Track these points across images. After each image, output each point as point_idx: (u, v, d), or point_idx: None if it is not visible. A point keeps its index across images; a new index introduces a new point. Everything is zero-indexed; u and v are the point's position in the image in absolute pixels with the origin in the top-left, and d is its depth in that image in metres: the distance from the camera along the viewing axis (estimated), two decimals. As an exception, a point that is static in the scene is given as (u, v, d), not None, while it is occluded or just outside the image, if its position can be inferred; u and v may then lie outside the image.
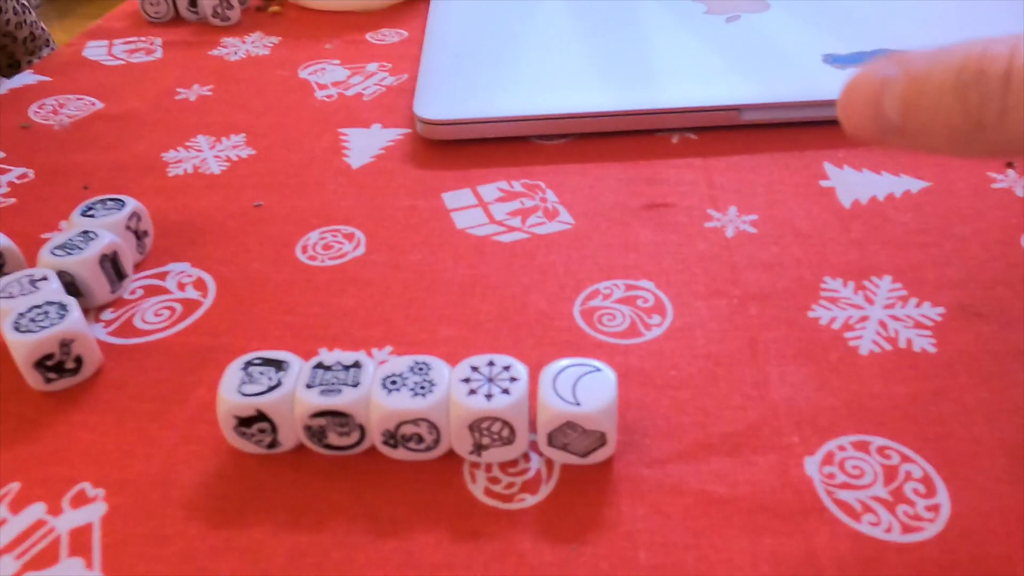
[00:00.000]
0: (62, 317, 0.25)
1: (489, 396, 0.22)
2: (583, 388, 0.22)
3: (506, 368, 0.23)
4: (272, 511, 0.22)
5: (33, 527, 0.22)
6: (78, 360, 0.26)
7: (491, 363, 0.23)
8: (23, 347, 0.25)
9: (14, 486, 0.23)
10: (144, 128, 0.42)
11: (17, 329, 0.25)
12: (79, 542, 0.22)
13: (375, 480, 0.23)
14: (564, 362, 0.23)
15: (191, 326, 0.29)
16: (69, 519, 0.22)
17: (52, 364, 0.25)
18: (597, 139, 0.39)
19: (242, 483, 0.23)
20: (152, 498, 0.23)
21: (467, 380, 0.23)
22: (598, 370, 0.23)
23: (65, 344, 0.25)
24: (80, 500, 0.23)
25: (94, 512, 0.23)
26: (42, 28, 1.02)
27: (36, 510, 0.23)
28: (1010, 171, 0.35)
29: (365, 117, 0.43)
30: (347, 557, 0.21)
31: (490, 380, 0.23)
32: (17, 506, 0.23)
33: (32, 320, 0.25)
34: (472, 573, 0.21)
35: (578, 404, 0.22)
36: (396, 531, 0.22)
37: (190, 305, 0.30)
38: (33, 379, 0.25)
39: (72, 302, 0.26)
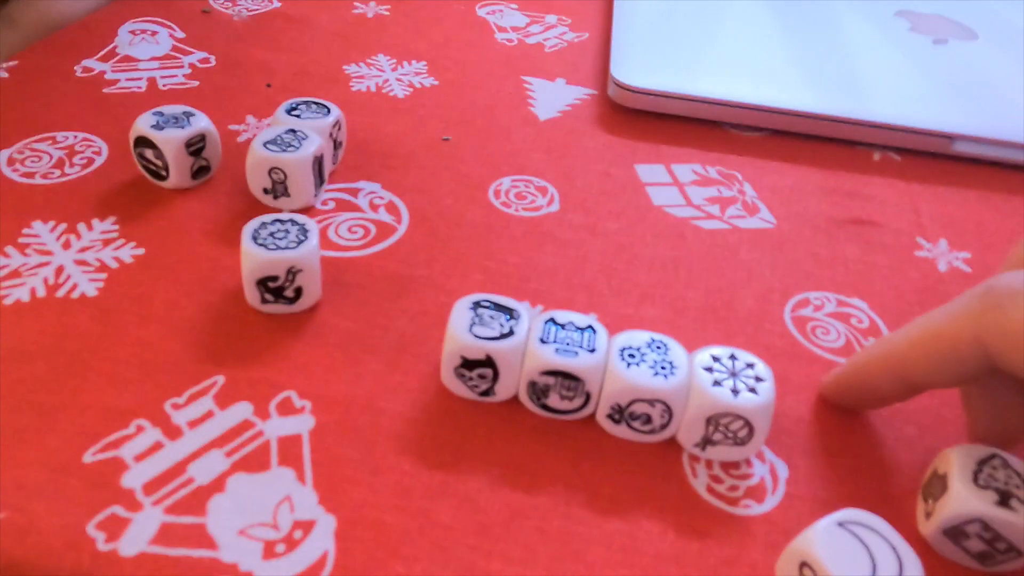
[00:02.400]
0: (300, 243, 0.24)
1: (736, 391, 0.21)
2: None
3: (750, 365, 0.22)
4: (488, 464, 0.21)
5: (241, 426, 0.21)
6: (298, 291, 0.24)
7: (733, 356, 0.22)
8: (253, 261, 0.23)
9: (219, 379, 0.23)
10: (324, 36, 0.41)
11: (255, 240, 0.24)
12: (289, 452, 0.21)
13: (592, 453, 0.22)
14: None
15: (387, 250, 0.28)
16: (277, 426, 0.22)
17: (274, 287, 0.24)
18: (794, 139, 0.37)
19: (454, 426, 0.22)
20: (360, 422, 0.22)
21: (710, 369, 0.22)
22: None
23: (292, 272, 0.24)
24: (287, 409, 0.22)
25: (302, 424, 0.22)
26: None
27: (243, 409, 0.22)
28: None
29: (548, 69, 0.41)
30: (568, 529, 0.20)
31: (734, 374, 0.22)
32: (224, 401, 0.22)
33: (272, 235, 0.24)
34: (702, 571, 0.19)
35: None
36: (618, 512, 0.21)
37: (384, 228, 0.29)
38: (252, 296, 0.24)
39: (314, 228, 0.24)
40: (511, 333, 0.22)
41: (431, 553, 0.19)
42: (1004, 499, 0.19)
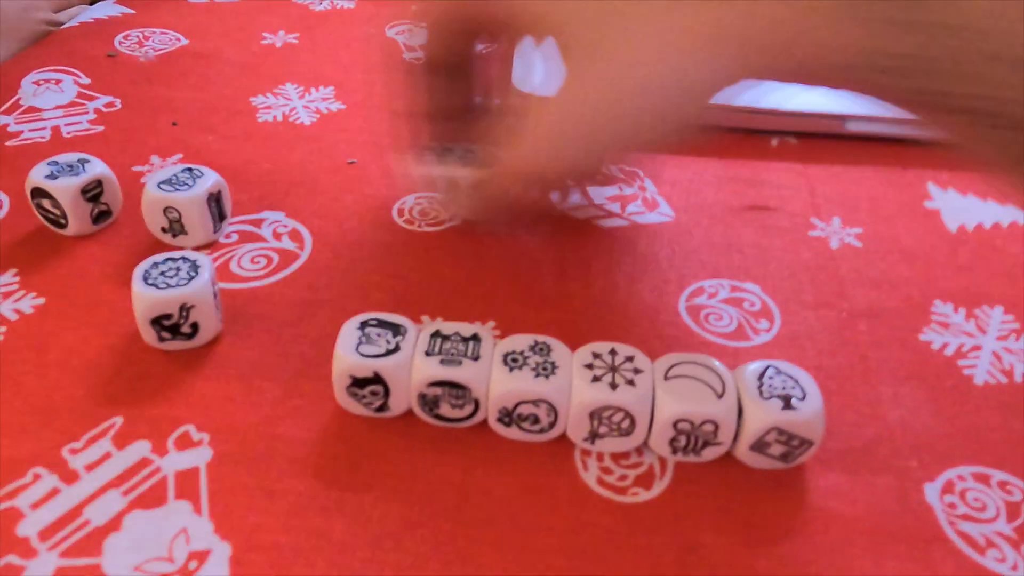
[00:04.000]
0: (190, 279, 0.24)
1: (614, 385, 0.22)
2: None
3: (629, 358, 0.23)
4: (381, 477, 0.22)
5: (139, 464, 0.22)
6: (195, 327, 0.25)
7: (613, 351, 0.23)
8: (143, 301, 0.24)
9: (118, 420, 0.23)
10: (231, 70, 0.41)
11: (145, 280, 0.24)
12: (186, 485, 0.21)
13: (485, 457, 0.23)
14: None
15: (289, 277, 0.29)
16: (174, 460, 0.22)
17: (169, 324, 0.24)
18: (695, 133, 0.38)
19: (349, 444, 0.23)
20: (257, 449, 0.23)
21: (590, 366, 0.22)
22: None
23: (185, 309, 0.24)
24: (185, 443, 0.23)
25: (199, 456, 0.22)
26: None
27: (141, 447, 0.22)
28: (1120, 213, 0.35)
29: (456, 84, 0.42)
30: (459, 533, 0.21)
31: (613, 369, 0.22)
32: (122, 441, 0.22)
33: (163, 274, 0.24)
34: (588, 562, 0.20)
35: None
36: (509, 511, 0.21)
37: (287, 256, 0.30)
38: (148, 335, 0.25)
39: (206, 263, 0.25)
40: (397, 349, 0.23)
41: (325, 570, 0.20)
42: (787, 403, 0.22)
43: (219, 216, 0.29)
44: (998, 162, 0.20)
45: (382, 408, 0.23)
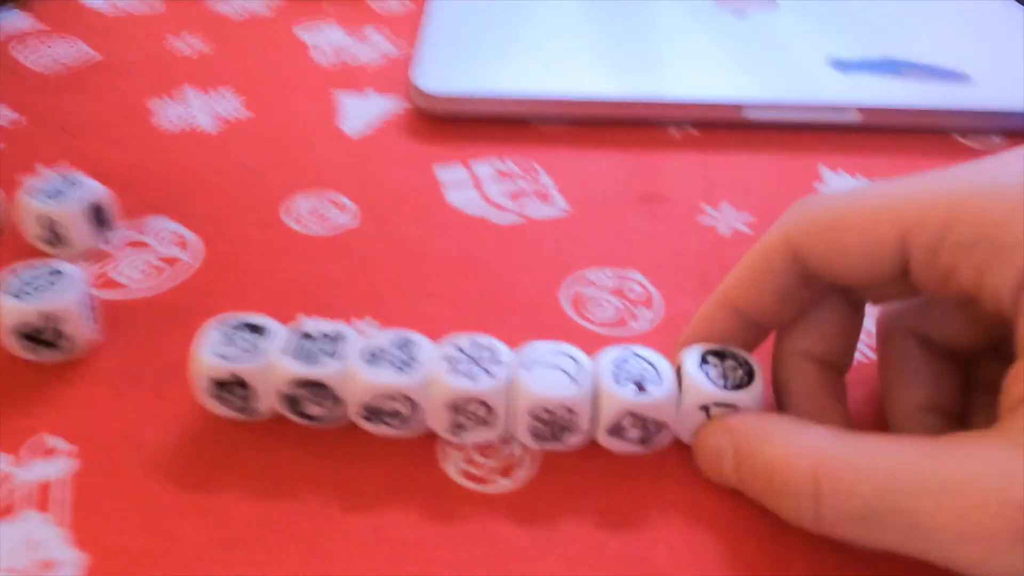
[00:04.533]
0: (55, 291, 0.24)
1: (472, 377, 0.22)
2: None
3: (489, 348, 0.23)
4: (243, 477, 0.22)
5: (-4, 477, 0.22)
6: (64, 337, 0.24)
7: (475, 343, 0.23)
8: (7, 313, 0.24)
9: (-22, 434, 0.23)
10: (137, 79, 0.41)
11: (9, 291, 0.24)
12: (41, 497, 0.21)
13: (350, 454, 0.23)
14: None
15: (172, 284, 0.29)
16: (35, 471, 0.22)
17: (34, 336, 0.24)
18: (597, 127, 0.39)
19: (213, 447, 0.23)
20: (121, 456, 0.22)
21: (449, 359, 0.23)
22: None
23: (51, 319, 0.24)
24: (43, 452, 0.22)
25: (59, 467, 0.22)
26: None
27: (1, 461, 0.22)
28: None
29: (361, 83, 0.42)
30: (316, 529, 0.21)
31: (473, 360, 0.23)
32: (-20, 455, 0.22)
33: (27, 283, 0.24)
34: (443, 553, 0.20)
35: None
36: (368, 506, 0.21)
37: (172, 263, 0.30)
38: (12, 345, 0.24)
39: (74, 272, 0.25)
40: (256, 349, 0.23)
41: (175, 571, 0.20)
42: (640, 387, 0.22)
43: (101, 225, 0.29)
44: None
45: (249, 411, 0.23)
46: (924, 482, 0.17)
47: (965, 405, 0.23)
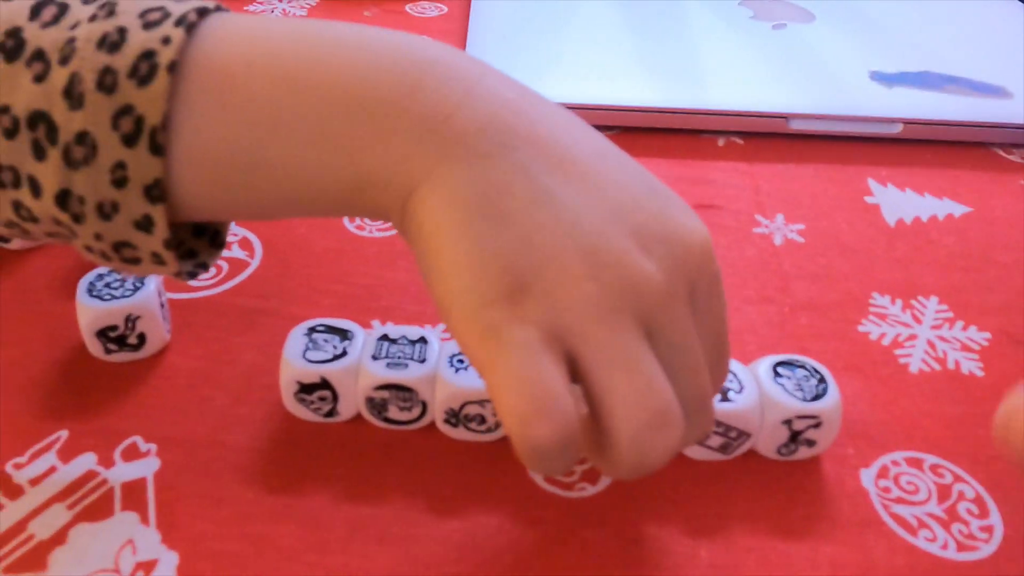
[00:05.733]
0: (135, 290, 0.24)
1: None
2: None
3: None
4: (330, 481, 0.22)
5: (84, 477, 0.22)
6: (141, 338, 0.25)
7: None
8: (88, 314, 0.24)
9: (63, 434, 0.23)
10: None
11: (90, 292, 0.24)
12: (132, 497, 0.21)
13: (433, 458, 0.23)
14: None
15: (238, 286, 0.29)
16: (121, 472, 0.22)
17: (115, 336, 0.24)
18: (643, 134, 0.39)
19: (298, 450, 0.23)
20: (205, 458, 0.23)
21: (535, 365, 0.23)
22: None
23: (131, 320, 0.24)
24: (132, 454, 0.22)
25: (147, 467, 0.22)
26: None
27: (86, 460, 0.22)
28: (1050, 204, 0.36)
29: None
30: (408, 533, 0.21)
31: (558, 367, 0.23)
32: (67, 455, 0.22)
33: (107, 286, 0.24)
34: (535, 558, 0.21)
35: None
36: (456, 511, 0.22)
37: (236, 264, 0.30)
38: (94, 347, 0.25)
39: (151, 275, 0.25)
40: (344, 354, 0.23)
41: (268, 573, 0.20)
42: (724, 395, 0.22)
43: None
44: None
45: (331, 413, 0.23)
46: None
47: None
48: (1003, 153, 0.39)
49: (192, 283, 0.28)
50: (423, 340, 0.23)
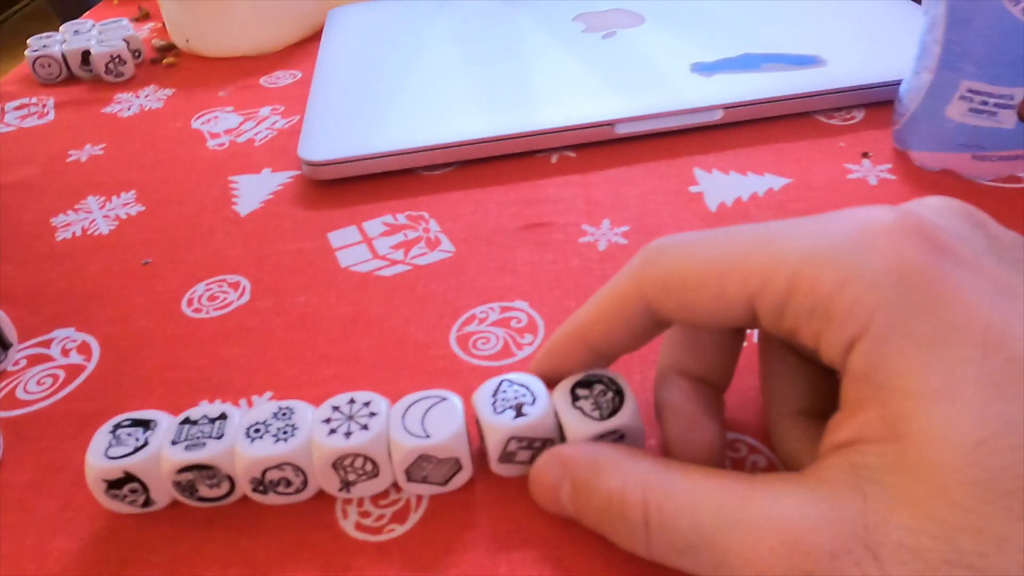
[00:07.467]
0: None
1: (348, 434, 0.23)
2: (432, 419, 0.23)
3: (366, 404, 0.24)
4: (148, 568, 0.23)
5: (-93, 612, 0.22)
6: None
7: (352, 401, 0.24)
8: None
9: None
10: (34, 194, 0.42)
11: None
12: (-47, 622, 0.22)
13: (250, 527, 0.24)
14: (411, 397, 0.24)
15: (74, 392, 0.29)
16: (-56, 600, 0.23)
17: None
18: (480, 165, 0.40)
19: (118, 544, 0.24)
20: (28, 571, 0.23)
21: (328, 420, 0.24)
22: (444, 399, 0.24)
23: None
24: (-45, 580, 0.23)
25: (-31, 590, 0.23)
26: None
27: (-90, 595, 0.23)
28: (865, 161, 0.37)
29: (255, 163, 0.43)
30: (219, 606, 0.22)
31: (350, 418, 0.24)
32: None
33: None
34: (339, 608, 0.21)
35: (428, 436, 0.23)
36: (269, 573, 0.22)
37: (73, 370, 0.30)
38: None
39: None
40: (145, 444, 0.24)
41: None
42: (519, 411, 0.23)
43: (1, 346, 0.30)
44: None
45: (147, 503, 0.24)
46: (733, 521, 0.18)
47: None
48: (824, 119, 0.41)
49: (28, 398, 0.29)
50: (223, 416, 0.24)
